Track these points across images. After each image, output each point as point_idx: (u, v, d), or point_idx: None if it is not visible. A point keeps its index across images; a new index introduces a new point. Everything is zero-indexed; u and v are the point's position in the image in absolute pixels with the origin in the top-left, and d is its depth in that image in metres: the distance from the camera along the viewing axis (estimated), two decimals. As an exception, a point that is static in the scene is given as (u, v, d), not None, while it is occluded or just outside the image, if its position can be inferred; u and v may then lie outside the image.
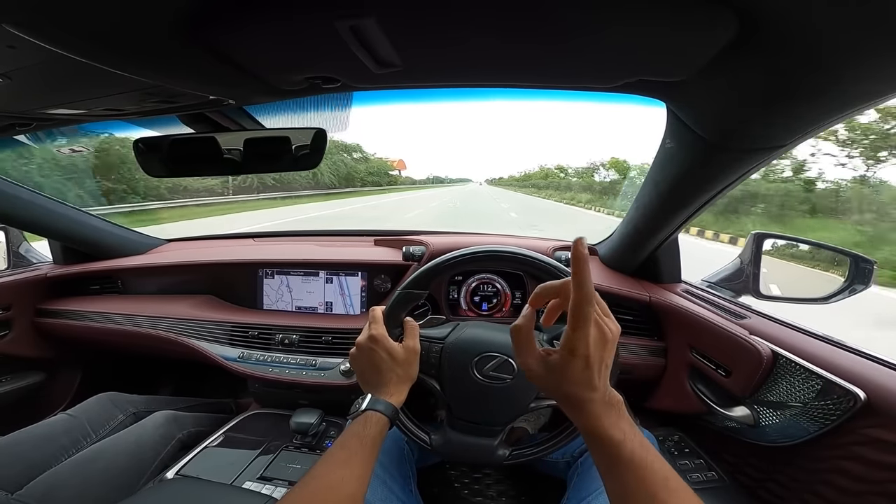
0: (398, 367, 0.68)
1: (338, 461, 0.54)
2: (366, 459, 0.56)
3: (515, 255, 0.76)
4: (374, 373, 0.68)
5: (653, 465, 0.41)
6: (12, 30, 0.39)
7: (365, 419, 0.60)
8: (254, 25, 0.46)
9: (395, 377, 0.67)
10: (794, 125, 0.58)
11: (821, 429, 0.69)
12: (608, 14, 0.42)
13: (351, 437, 0.58)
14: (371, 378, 0.68)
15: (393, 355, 0.68)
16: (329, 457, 0.55)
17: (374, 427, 0.59)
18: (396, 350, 0.68)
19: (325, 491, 0.51)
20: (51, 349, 1.47)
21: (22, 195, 1.22)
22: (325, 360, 1.17)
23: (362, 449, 0.56)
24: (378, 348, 0.67)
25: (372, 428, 0.59)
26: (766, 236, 1.02)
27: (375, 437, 0.59)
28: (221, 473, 0.97)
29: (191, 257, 1.45)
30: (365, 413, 0.61)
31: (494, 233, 1.69)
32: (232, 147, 0.79)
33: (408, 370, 0.69)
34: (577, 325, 0.42)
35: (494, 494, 1.08)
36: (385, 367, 0.67)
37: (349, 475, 0.53)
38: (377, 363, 0.67)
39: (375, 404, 0.63)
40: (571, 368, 0.43)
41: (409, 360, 0.70)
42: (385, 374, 0.67)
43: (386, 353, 0.67)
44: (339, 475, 0.52)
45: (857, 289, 0.88)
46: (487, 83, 0.64)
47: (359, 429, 0.59)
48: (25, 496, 0.82)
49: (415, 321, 0.75)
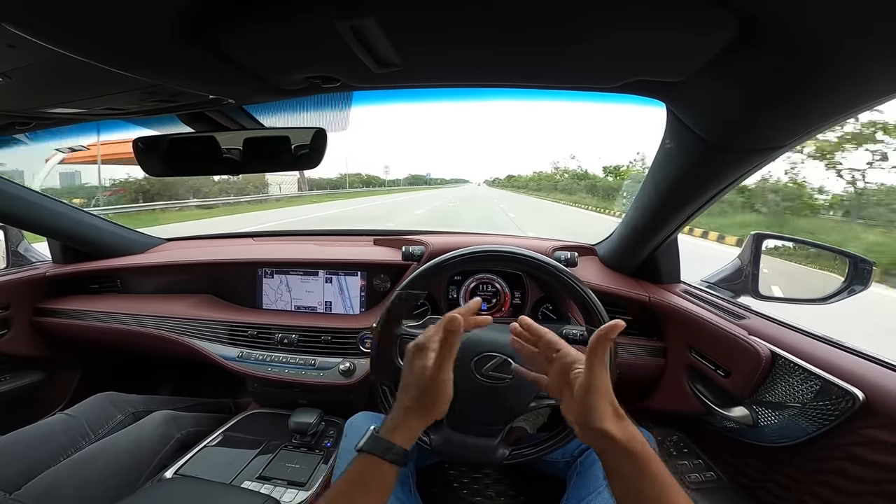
0: (423, 396, 0.53)
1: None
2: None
3: (515, 256, 0.76)
4: (402, 391, 0.56)
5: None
6: (12, 29, 0.39)
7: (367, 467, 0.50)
8: (254, 25, 0.46)
9: (417, 406, 0.54)
10: (794, 126, 0.58)
11: (819, 429, 0.69)
12: (608, 15, 0.42)
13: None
14: (399, 398, 0.56)
15: (425, 377, 0.53)
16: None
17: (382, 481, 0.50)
18: (428, 372, 0.53)
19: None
20: (49, 348, 1.47)
21: (21, 194, 1.22)
22: (324, 359, 1.17)
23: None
24: (415, 361, 0.55)
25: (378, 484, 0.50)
26: (766, 237, 1.02)
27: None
28: (220, 473, 0.97)
29: (190, 257, 1.44)
30: (369, 458, 0.50)
31: (494, 233, 1.69)
32: (231, 146, 0.79)
33: (432, 404, 0.53)
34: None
35: (493, 494, 1.08)
36: (407, 388, 0.55)
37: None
38: (406, 379, 0.56)
39: (381, 448, 0.50)
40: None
41: (439, 390, 0.53)
42: (403, 397, 0.55)
43: (420, 371, 0.54)
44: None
45: (855, 289, 0.88)
46: (487, 83, 0.64)
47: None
48: (24, 496, 0.82)
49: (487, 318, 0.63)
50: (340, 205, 19.19)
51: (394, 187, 64.82)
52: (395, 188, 61.75)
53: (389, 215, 12.85)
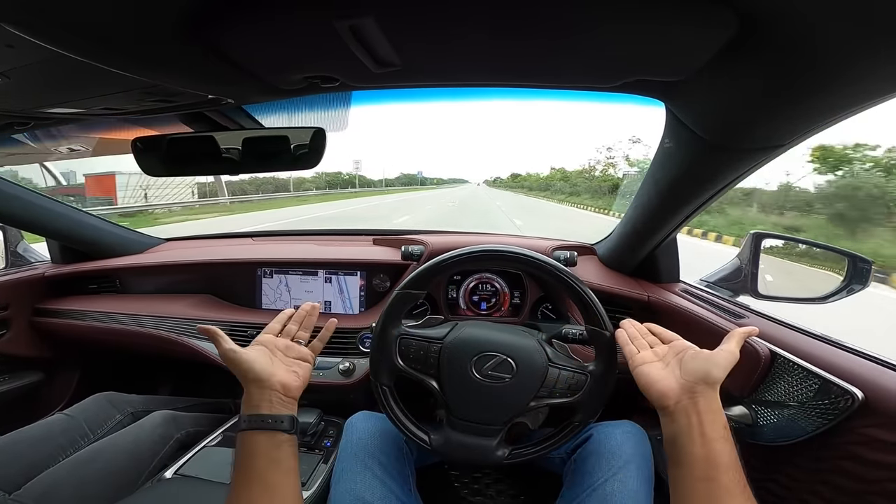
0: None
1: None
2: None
3: (514, 255, 0.76)
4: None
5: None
6: (11, 29, 0.39)
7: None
8: (253, 25, 0.46)
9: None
10: (794, 125, 0.58)
11: (819, 428, 0.69)
12: (607, 14, 0.42)
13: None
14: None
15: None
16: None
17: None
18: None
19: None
20: (48, 349, 1.47)
21: (20, 194, 1.22)
22: (323, 359, 1.17)
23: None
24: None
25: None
26: (765, 236, 1.02)
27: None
28: (220, 473, 0.97)
29: (189, 257, 1.44)
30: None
31: (494, 232, 1.69)
32: (230, 146, 0.79)
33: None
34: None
35: (493, 494, 1.08)
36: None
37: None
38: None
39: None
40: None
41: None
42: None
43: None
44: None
45: (854, 288, 0.88)
46: (487, 83, 0.64)
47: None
48: (23, 496, 0.82)
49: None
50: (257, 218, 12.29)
51: (366, 189, 48.66)
52: (368, 190, 47.38)
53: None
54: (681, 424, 0.56)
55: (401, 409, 0.78)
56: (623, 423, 0.86)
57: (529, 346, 0.77)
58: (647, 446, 0.85)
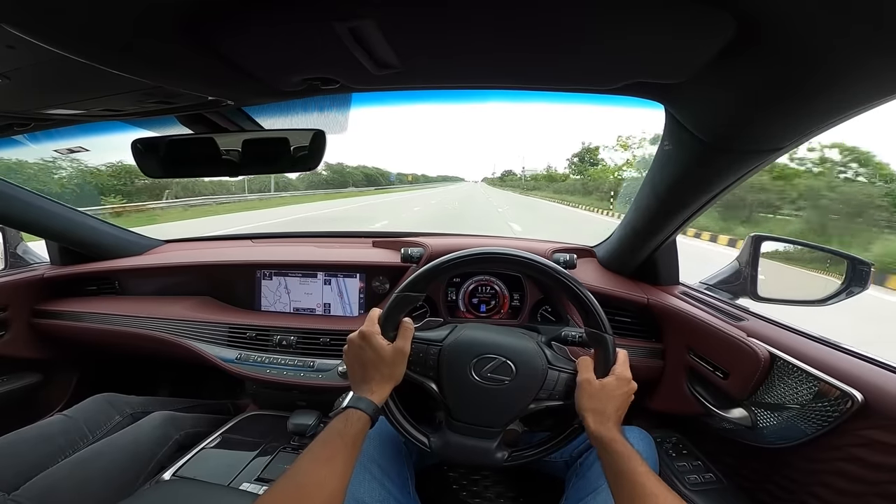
0: (383, 367, 0.69)
1: (321, 458, 0.56)
2: (348, 457, 0.57)
3: (514, 258, 0.76)
4: (360, 369, 0.69)
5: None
6: (12, 30, 0.39)
7: (346, 416, 0.62)
8: (253, 26, 0.46)
9: (379, 376, 0.69)
10: (793, 127, 0.58)
11: (818, 430, 0.69)
12: (607, 17, 0.42)
13: (334, 435, 0.59)
14: (356, 375, 0.70)
15: (380, 354, 0.68)
16: (311, 453, 0.56)
17: (356, 425, 0.61)
18: (384, 349, 0.69)
19: (311, 488, 0.52)
20: (47, 350, 1.47)
21: (20, 196, 1.22)
22: (322, 361, 1.17)
23: (345, 447, 0.58)
24: (366, 345, 0.69)
25: (353, 426, 0.61)
26: (764, 238, 1.02)
27: (357, 435, 0.60)
28: (219, 475, 0.97)
29: (188, 258, 1.44)
30: (346, 410, 0.63)
31: (493, 234, 1.69)
32: (230, 148, 0.79)
33: (392, 370, 0.70)
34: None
35: (493, 496, 1.08)
36: (370, 365, 0.68)
37: (332, 473, 0.55)
38: (363, 360, 0.69)
39: (357, 402, 0.64)
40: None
41: (395, 360, 0.70)
42: (369, 371, 0.68)
43: (373, 352, 0.69)
44: (323, 473, 0.54)
45: (854, 291, 0.88)
46: (486, 84, 0.65)
47: (340, 426, 0.60)
48: (22, 497, 0.81)
49: (412, 322, 0.75)
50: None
51: (310, 192, 36.49)
52: (309, 193, 34.91)
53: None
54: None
55: (400, 412, 0.78)
56: (630, 429, 0.85)
57: (529, 348, 0.77)
58: (652, 450, 0.85)
